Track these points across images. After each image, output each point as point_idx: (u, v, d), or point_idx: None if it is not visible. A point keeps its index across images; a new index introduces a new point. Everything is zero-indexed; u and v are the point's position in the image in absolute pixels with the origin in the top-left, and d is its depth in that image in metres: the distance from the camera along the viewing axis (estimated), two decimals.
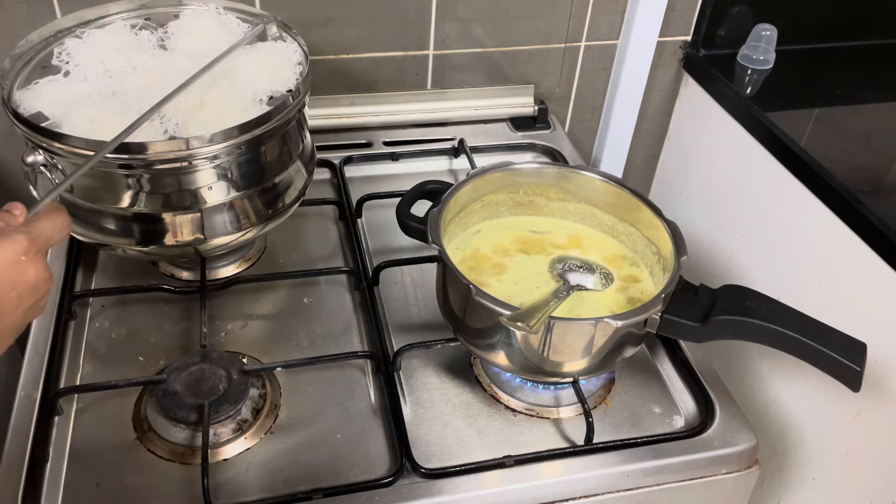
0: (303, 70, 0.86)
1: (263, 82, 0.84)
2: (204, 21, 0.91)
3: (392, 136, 1.20)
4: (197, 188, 0.80)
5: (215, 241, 0.83)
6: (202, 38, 0.89)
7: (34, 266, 0.57)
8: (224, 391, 0.77)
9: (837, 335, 0.72)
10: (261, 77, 0.84)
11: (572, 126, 1.35)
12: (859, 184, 0.99)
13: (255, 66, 0.86)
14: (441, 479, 0.74)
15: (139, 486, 0.73)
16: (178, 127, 0.77)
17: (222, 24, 0.91)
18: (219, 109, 0.80)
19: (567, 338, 0.73)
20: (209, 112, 0.79)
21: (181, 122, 0.78)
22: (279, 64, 0.87)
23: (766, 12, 1.23)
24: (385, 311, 0.92)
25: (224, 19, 0.92)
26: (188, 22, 0.91)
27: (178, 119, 0.78)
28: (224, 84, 0.83)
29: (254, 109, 0.80)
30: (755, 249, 1.17)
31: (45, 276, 0.58)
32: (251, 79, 0.84)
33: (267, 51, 0.89)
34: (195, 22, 0.91)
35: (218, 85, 0.82)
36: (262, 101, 0.82)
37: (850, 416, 0.98)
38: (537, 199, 0.90)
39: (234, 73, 0.84)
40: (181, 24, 0.90)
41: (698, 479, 0.78)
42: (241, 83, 0.83)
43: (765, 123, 1.11)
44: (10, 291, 0.56)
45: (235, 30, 0.91)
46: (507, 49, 1.22)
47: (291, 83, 0.85)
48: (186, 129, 0.77)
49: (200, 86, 0.80)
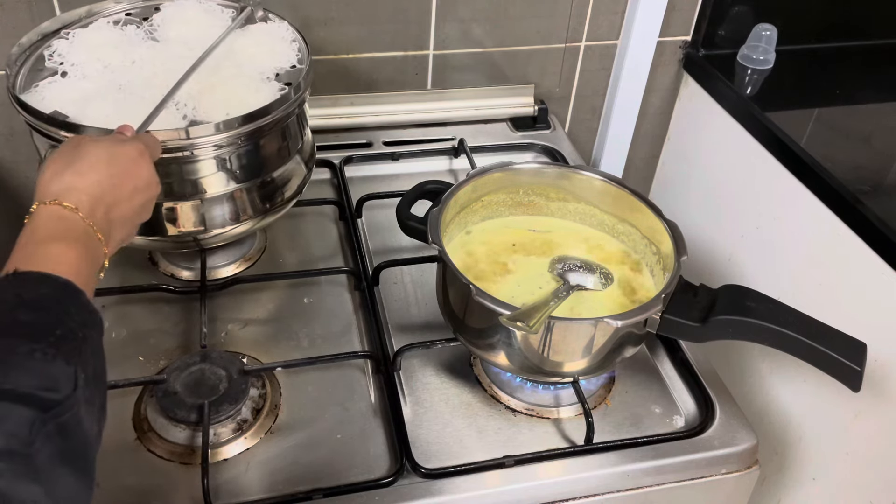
0: (300, 46, 0.89)
1: (266, 61, 0.87)
2: (188, 11, 0.92)
3: (392, 136, 1.20)
4: (198, 178, 0.81)
5: (215, 231, 0.84)
6: (191, 26, 0.90)
7: (147, 167, 0.66)
8: (224, 391, 0.77)
9: (837, 335, 0.72)
10: (262, 56, 0.87)
11: (572, 126, 1.35)
12: (859, 184, 0.99)
13: (254, 47, 0.88)
14: (441, 479, 0.74)
15: (139, 486, 0.73)
16: (195, 111, 0.80)
17: (207, 12, 0.92)
18: (232, 89, 0.82)
19: (567, 338, 0.73)
20: (223, 93, 0.81)
21: (198, 106, 0.80)
22: (275, 43, 0.90)
23: (766, 12, 1.23)
24: (385, 311, 0.92)
25: (207, 7, 0.93)
26: (172, 13, 0.92)
27: (193, 104, 0.80)
28: (229, 66, 0.85)
29: (266, 87, 0.83)
30: (755, 249, 1.17)
31: (155, 179, 0.68)
32: (253, 59, 0.87)
33: (259, 32, 0.91)
34: (180, 12, 0.92)
35: (223, 68, 0.84)
36: (270, 79, 0.85)
37: (850, 416, 0.98)
38: (537, 199, 0.90)
39: (235, 55, 0.87)
40: (165, 15, 0.92)
41: (698, 479, 0.78)
42: (245, 64, 0.86)
43: (765, 123, 1.11)
44: (128, 182, 0.64)
45: (221, 16, 0.93)
46: (506, 49, 1.22)
47: (293, 59, 0.88)
48: (205, 112, 0.80)
49: (207, 70, 0.82)
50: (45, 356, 0.47)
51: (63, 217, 0.58)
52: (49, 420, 0.45)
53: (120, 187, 0.63)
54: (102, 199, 0.61)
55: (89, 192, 0.60)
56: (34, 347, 0.47)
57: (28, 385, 0.45)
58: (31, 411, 0.44)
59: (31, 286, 0.52)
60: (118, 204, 0.62)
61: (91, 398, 0.49)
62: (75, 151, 0.62)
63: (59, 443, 0.45)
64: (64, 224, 0.57)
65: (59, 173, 0.60)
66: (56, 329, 0.49)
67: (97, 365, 0.52)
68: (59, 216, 0.58)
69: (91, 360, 0.51)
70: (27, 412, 0.44)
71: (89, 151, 0.63)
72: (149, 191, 0.67)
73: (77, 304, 0.52)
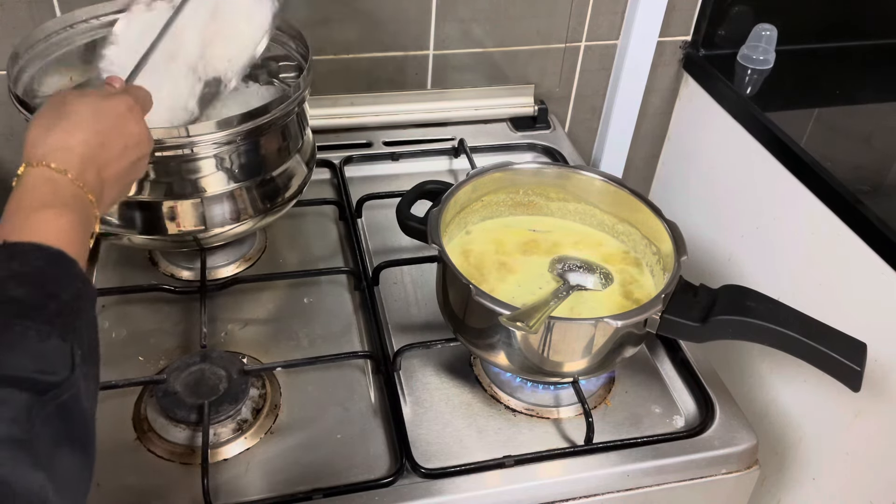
0: None
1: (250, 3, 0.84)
2: None
3: (392, 136, 1.20)
4: (198, 177, 0.81)
5: (216, 230, 0.84)
6: None
7: (137, 123, 0.64)
8: (224, 391, 0.77)
9: (837, 335, 0.72)
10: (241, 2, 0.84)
11: (572, 126, 1.35)
12: (859, 184, 0.99)
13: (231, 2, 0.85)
14: (441, 479, 0.74)
15: (139, 486, 0.73)
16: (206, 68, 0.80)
17: None
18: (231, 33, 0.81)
19: (567, 338, 0.73)
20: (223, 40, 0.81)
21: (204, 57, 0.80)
22: None
23: (766, 12, 1.23)
24: (385, 311, 0.92)
25: None
26: None
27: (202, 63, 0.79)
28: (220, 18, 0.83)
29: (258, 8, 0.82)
30: (755, 249, 1.17)
31: (146, 135, 0.65)
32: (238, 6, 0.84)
33: None
34: None
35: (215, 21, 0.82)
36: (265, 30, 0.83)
37: (850, 416, 0.98)
38: (537, 199, 0.90)
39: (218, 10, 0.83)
40: None
41: (698, 479, 0.78)
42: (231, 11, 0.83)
43: (765, 123, 1.11)
44: (117, 140, 0.62)
45: None
46: (506, 49, 1.22)
47: None
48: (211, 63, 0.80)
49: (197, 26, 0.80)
50: (40, 334, 0.46)
51: (52, 180, 0.56)
52: (48, 402, 0.44)
53: (109, 145, 0.60)
54: (92, 158, 0.59)
55: (77, 152, 0.58)
56: (28, 325, 0.46)
57: (24, 368, 0.44)
58: (29, 396, 0.43)
59: (22, 258, 0.50)
60: (108, 163, 0.60)
61: (88, 373, 0.48)
62: (61, 108, 0.60)
63: (60, 425, 0.45)
64: (53, 187, 0.55)
65: (46, 133, 0.58)
66: (50, 304, 0.48)
67: (91, 337, 0.51)
68: (47, 179, 0.56)
69: (86, 333, 0.50)
70: (25, 397, 0.43)
71: (75, 108, 0.60)
72: (140, 148, 0.64)
73: (70, 274, 0.51)
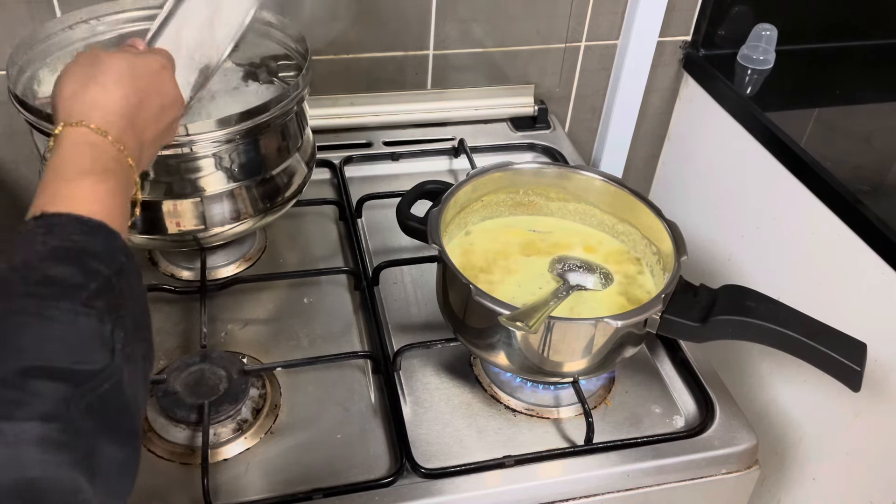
0: None
1: None
2: None
3: (392, 136, 1.20)
4: (197, 176, 0.81)
5: (216, 230, 0.84)
6: None
7: (172, 82, 0.62)
8: (224, 391, 0.77)
9: (837, 335, 0.72)
10: None
11: (572, 126, 1.35)
12: (859, 184, 0.99)
13: None
14: (441, 479, 0.74)
15: (139, 486, 0.71)
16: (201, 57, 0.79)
17: None
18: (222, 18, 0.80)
19: (567, 338, 0.73)
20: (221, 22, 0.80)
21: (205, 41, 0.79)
22: None
23: (766, 12, 1.23)
24: (385, 311, 0.92)
25: None
26: None
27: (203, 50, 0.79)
28: None
29: None
30: (755, 249, 1.17)
31: (180, 96, 0.63)
32: None
33: None
34: None
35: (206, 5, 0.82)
36: None
37: (850, 416, 0.98)
38: (537, 199, 0.90)
39: None
40: None
41: (698, 479, 0.78)
42: None
43: (765, 123, 1.11)
44: (155, 98, 0.59)
45: None
46: (506, 49, 1.22)
47: None
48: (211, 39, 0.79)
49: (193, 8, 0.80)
50: (78, 317, 0.42)
51: (92, 143, 0.52)
52: (87, 393, 0.41)
53: (147, 105, 0.57)
54: (131, 119, 0.55)
55: (116, 111, 0.54)
56: (66, 307, 0.42)
57: (61, 358, 0.41)
58: (66, 387, 0.40)
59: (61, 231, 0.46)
60: (147, 124, 0.57)
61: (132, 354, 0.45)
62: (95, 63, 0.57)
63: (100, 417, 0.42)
64: (93, 152, 0.52)
65: (82, 88, 0.55)
66: (90, 283, 0.44)
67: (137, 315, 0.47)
68: (87, 142, 0.52)
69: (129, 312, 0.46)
70: (62, 388, 0.40)
71: (111, 64, 0.56)
72: (175, 108, 0.61)
73: (111, 248, 0.47)
